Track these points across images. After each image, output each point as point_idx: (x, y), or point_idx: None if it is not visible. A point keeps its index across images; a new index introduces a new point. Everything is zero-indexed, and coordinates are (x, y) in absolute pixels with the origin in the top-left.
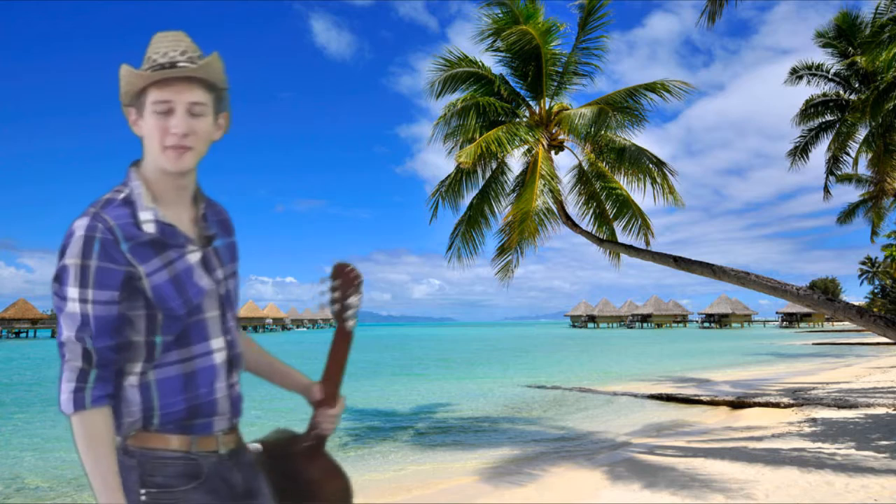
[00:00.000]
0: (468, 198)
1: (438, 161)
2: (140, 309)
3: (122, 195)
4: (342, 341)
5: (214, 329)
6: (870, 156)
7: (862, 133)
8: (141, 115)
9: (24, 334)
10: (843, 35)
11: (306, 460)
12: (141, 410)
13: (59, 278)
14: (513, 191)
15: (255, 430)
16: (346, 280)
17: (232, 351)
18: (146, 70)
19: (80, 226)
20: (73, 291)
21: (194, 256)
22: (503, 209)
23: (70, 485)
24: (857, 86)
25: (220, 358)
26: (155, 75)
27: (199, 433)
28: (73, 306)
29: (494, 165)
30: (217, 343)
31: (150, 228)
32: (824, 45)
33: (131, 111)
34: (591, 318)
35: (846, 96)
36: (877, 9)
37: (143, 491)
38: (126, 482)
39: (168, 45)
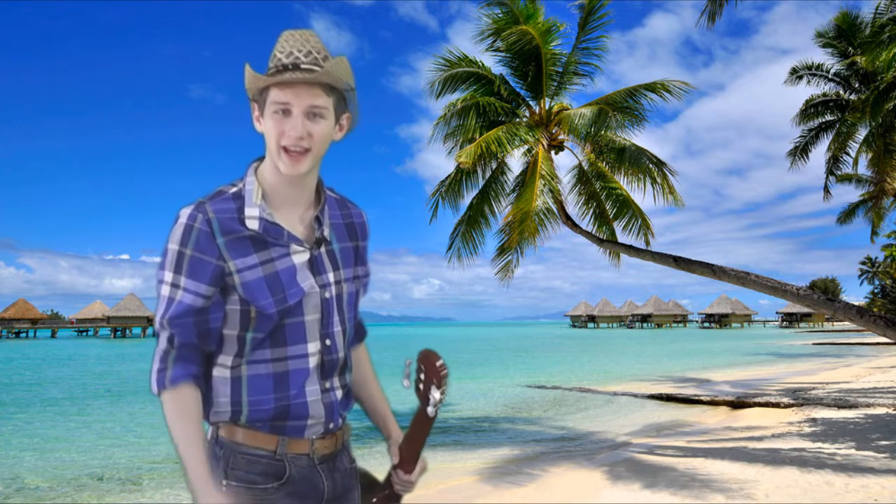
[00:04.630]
0: (468, 198)
1: (438, 161)
2: (235, 303)
3: (234, 189)
4: (422, 422)
5: (312, 332)
6: (870, 156)
7: (862, 133)
8: (262, 113)
9: (24, 334)
10: (843, 35)
11: None
12: (230, 403)
13: (161, 262)
14: (513, 191)
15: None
16: (431, 372)
17: (328, 355)
18: (270, 69)
19: (184, 214)
20: (167, 275)
21: (300, 257)
22: (503, 209)
23: (70, 485)
24: (857, 86)
25: (314, 361)
26: (273, 79)
27: (290, 435)
28: (165, 290)
29: (494, 165)
30: (313, 346)
31: (253, 225)
32: (824, 45)
33: (255, 107)
34: (591, 318)
35: (846, 96)
36: (877, 9)
37: (224, 482)
38: (213, 471)
39: (293, 45)
